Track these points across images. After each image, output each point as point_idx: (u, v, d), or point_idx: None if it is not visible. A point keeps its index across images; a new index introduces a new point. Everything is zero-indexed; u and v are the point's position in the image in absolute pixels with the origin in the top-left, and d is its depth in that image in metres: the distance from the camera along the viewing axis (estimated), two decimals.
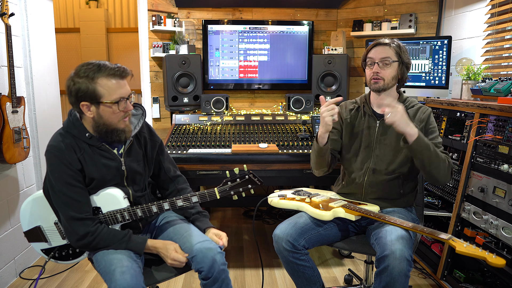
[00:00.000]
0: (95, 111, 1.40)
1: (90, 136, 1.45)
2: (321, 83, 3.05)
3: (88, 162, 1.44)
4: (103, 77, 1.36)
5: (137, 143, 1.58)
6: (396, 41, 1.75)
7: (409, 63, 1.76)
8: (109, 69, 1.37)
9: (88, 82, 1.35)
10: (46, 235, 1.57)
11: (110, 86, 1.37)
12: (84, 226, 1.40)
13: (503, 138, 1.83)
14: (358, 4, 3.27)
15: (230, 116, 2.93)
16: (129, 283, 1.28)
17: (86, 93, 1.36)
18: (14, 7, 2.32)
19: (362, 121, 1.83)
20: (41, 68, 2.60)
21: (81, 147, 1.44)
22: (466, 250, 1.33)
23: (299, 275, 1.69)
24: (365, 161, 1.79)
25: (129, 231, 1.48)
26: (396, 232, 1.52)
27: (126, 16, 5.89)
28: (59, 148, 1.41)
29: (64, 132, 1.46)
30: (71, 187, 1.40)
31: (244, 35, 3.21)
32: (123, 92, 1.40)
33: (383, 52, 1.72)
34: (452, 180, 2.17)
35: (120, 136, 1.45)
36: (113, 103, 1.38)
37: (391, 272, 1.41)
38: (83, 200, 1.43)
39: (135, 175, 1.57)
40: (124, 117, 1.43)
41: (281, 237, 1.65)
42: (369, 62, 1.76)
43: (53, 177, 1.41)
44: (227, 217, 3.45)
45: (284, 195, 1.83)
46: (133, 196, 1.56)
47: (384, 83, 1.73)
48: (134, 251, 1.45)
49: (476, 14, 2.59)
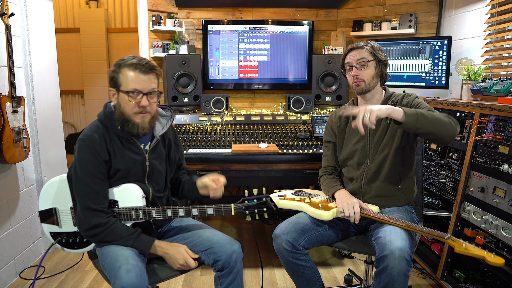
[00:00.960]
0: (116, 98, 1.48)
1: (122, 129, 1.49)
2: (321, 83, 3.05)
3: (116, 153, 1.49)
4: (126, 68, 1.44)
5: (162, 143, 1.63)
6: (369, 43, 1.80)
7: (386, 60, 1.79)
8: (135, 62, 1.44)
9: (115, 70, 1.46)
10: (59, 218, 1.61)
11: (129, 77, 1.44)
12: (97, 217, 1.43)
13: (503, 138, 1.83)
14: (358, 4, 3.27)
15: (230, 116, 2.93)
16: (133, 281, 1.28)
17: (112, 80, 1.47)
18: (14, 7, 2.32)
19: (351, 125, 1.82)
20: (41, 68, 2.60)
21: (112, 138, 1.49)
22: (465, 249, 1.33)
23: (299, 275, 1.70)
24: (361, 161, 1.80)
25: (138, 229, 1.49)
26: (395, 232, 1.52)
27: (126, 16, 5.89)
28: (92, 138, 1.46)
29: (98, 122, 1.52)
30: (93, 177, 1.44)
31: (244, 35, 3.21)
32: (140, 86, 1.44)
33: (358, 55, 1.76)
34: (452, 180, 2.17)
35: (134, 129, 1.47)
36: (127, 92, 1.44)
37: (391, 272, 1.41)
38: (101, 192, 1.46)
39: (157, 173, 1.60)
40: (140, 112, 1.46)
41: (281, 237, 1.65)
42: (347, 67, 1.80)
43: (79, 164, 1.45)
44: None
45: (284, 195, 1.83)
46: (152, 196, 1.58)
47: (366, 84, 1.75)
48: (139, 250, 1.46)
49: (476, 14, 2.59)
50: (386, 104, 1.76)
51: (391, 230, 1.53)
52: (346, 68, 1.81)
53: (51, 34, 2.76)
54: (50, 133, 2.73)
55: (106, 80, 6.15)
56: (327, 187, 1.84)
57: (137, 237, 1.47)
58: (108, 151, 1.48)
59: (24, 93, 2.45)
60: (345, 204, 1.66)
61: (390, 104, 1.69)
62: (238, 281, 1.52)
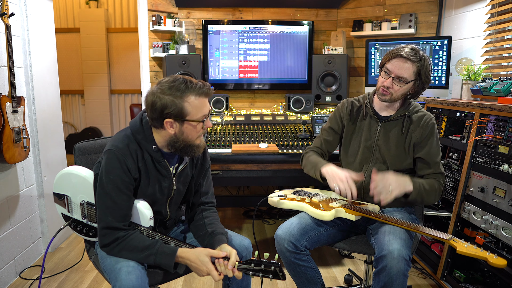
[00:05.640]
0: (177, 128, 1.34)
1: (157, 150, 1.40)
2: (321, 83, 3.05)
3: (145, 173, 1.41)
4: (192, 95, 1.31)
5: (190, 165, 1.54)
6: (422, 56, 1.62)
7: (427, 82, 1.66)
8: (197, 87, 1.32)
9: (175, 100, 1.30)
10: (70, 207, 1.61)
11: (196, 105, 1.32)
12: (114, 235, 1.36)
13: (503, 138, 1.83)
14: (358, 4, 3.27)
15: (230, 116, 2.93)
16: (134, 284, 1.26)
17: (173, 111, 1.30)
18: (14, 7, 2.32)
19: (363, 122, 1.81)
20: (41, 68, 2.59)
21: (145, 157, 1.40)
22: (467, 250, 1.33)
23: (301, 275, 1.69)
24: (364, 162, 1.78)
25: (159, 241, 1.36)
26: (394, 232, 1.51)
27: (126, 16, 5.89)
28: (124, 152, 1.36)
29: (131, 135, 1.40)
30: (121, 193, 1.36)
31: (244, 35, 3.21)
32: (206, 110, 1.36)
33: (402, 70, 1.62)
34: (452, 180, 2.17)
35: (194, 151, 1.40)
36: (198, 121, 1.35)
37: (389, 272, 1.41)
38: (126, 209, 1.38)
39: (178, 196, 1.54)
40: (203, 133, 1.40)
41: (283, 238, 1.64)
42: (385, 70, 1.67)
43: (107, 178, 1.35)
44: (227, 217, 3.45)
45: (284, 195, 1.83)
46: (169, 217, 1.56)
47: (392, 97, 1.68)
48: (163, 265, 1.33)
49: (476, 14, 2.59)
50: (401, 112, 1.72)
51: (390, 230, 1.53)
52: (383, 70, 1.67)
53: (51, 34, 2.76)
54: (50, 133, 2.73)
55: (106, 80, 6.17)
56: (313, 164, 1.79)
57: (158, 251, 1.33)
58: (139, 170, 1.39)
59: (24, 93, 2.45)
60: (338, 181, 1.62)
61: (404, 115, 1.71)
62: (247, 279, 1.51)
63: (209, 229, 1.49)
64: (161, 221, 1.57)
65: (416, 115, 1.73)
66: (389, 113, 1.77)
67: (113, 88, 6.02)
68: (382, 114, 1.78)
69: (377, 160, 1.76)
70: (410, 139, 1.71)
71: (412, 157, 1.73)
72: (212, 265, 1.31)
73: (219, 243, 1.41)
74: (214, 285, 2.34)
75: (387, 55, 1.67)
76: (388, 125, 1.75)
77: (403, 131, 1.72)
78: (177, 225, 1.70)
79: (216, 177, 2.31)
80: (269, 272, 1.28)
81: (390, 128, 1.75)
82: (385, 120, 1.76)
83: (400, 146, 1.72)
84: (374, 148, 1.76)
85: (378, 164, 1.75)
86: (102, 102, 5.97)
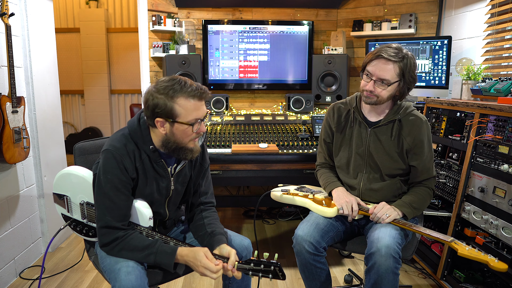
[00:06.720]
0: (168, 128, 1.34)
1: (154, 150, 1.40)
2: (321, 83, 3.06)
3: (143, 173, 1.41)
4: (183, 97, 1.31)
5: (188, 165, 1.53)
6: (405, 55, 1.54)
7: (413, 82, 1.59)
8: (190, 89, 1.31)
9: (167, 100, 1.30)
10: (70, 207, 1.61)
11: (188, 107, 1.32)
12: (113, 235, 1.36)
13: (503, 138, 1.83)
14: (358, 4, 3.27)
15: (230, 116, 2.93)
16: (133, 284, 1.26)
17: (163, 110, 1.31)
18: (14, 7, 2.32)
19: (352, 128, 1.74)
20: (41, 68, 2.59)
21: (142, 157, 1.40)
22: (469, 253, 1.32)
23: (315, 278, 1.64)
24: (358, 170, 1.74)
25: (158, 240, 1.36)
26: (385, 229, 1.50)
27: (126, 16, 5.89)
28: (121, 152, 1.36)
29: (128, 135, 1.40)
30: (119, 193, 1.36)
31: (244, 35, 3.21)
32: (199, 113, 1.35)
33: (383, 71, 1.54)
34: (452, 180, 2.17)
35: (187, 155, 1.39)
36: (188, 124, 1.33)
37: (378, 269, 1.41)
38: (124, 209, 1.38)
39: (177, 196, 1.54)
40: (196, 137, 1.39)
41: (304, 239, 1.58)
42: (366, 73, 1.60)
43: (104, 178, 1.35)
44: (227, 217, 3.45)
45: (288, 190, 1.83)
46: (168, 217, 1.55)
47: (377, 100, 1.60)
48: (163, 265, 1.34)
49: (476, 14, 2.59)
50: (390, 117, 1.66)
51: (381, 227, 1.53)
52: (365, 73, 1.61)
53: (51, 34, 2.76)
54: (50, 133, 2.73)
55: (106, 80, 6.17)
56: (325, 182, 1.80)
57: (158, 251, 1.33)
58: (136, 169, 1.39)
59: (24, 93, 2.45)
60: (343, 202, 1.64)
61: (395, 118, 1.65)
62: (247, 279, 1.50)
63: (208, 229, 1.49)
64: (161, 221, 1.56)
65: (406, 118, 1.65)
66: (378, 118, 1.70)
67: (113, 88, 6.02)
68: (371, 119, 1.71)
69: (370, 167, 1.72)
70: (402, 145, 1.66)
71: (406, 163, 1.69)
72: (209, 262, 1.29)
73: (219, 243, 1.40)
74: (214, 285, 2.33)
75: (368, 57, 1.60)
76: (378, 130, 1.68)
77: (393, 137, 1.65)
78: (176, 225, 1.69)
79: (216, 177, 2.31)
80: (269, 272, 1.29)
81: (380, 134, 1.68)
82: (374, 125, 1.69)
83: (392, 152, 1.67)
84: (367, 155, 1.71)
85: (373, 173, 1.72)
86: (102, 102, 5.97)
